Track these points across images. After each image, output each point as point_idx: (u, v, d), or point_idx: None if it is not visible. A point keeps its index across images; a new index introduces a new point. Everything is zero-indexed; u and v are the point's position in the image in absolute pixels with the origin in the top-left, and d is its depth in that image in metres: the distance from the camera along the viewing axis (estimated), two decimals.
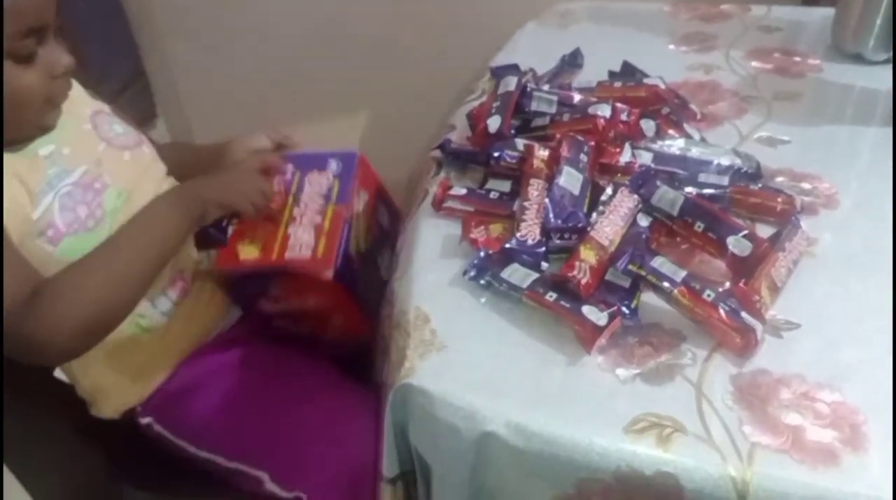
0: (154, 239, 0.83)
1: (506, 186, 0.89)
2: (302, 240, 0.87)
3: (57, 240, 0.81)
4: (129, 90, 1.98)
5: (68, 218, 0.82)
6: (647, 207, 0.80)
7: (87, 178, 0.85)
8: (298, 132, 1.01)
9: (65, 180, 0.83)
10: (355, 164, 0.94)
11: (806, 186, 0.90)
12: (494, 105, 0.96)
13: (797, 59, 1.19)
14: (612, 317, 0.69)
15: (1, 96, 0.75)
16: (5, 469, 0.92)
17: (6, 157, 0.80)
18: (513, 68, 1.07)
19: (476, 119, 0.98)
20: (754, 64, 1.18)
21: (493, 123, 0.94)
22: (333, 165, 0.94)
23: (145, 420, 0.93)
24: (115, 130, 0.93)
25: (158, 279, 0.86)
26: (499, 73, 1.05)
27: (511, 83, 0.98)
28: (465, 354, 0.71)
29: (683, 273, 0.72)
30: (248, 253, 0.87)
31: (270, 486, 0.88)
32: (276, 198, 0.90)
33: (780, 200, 0.84)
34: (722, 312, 0.69)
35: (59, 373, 0.96)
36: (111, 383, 0.91)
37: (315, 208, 0.90)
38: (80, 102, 0.91)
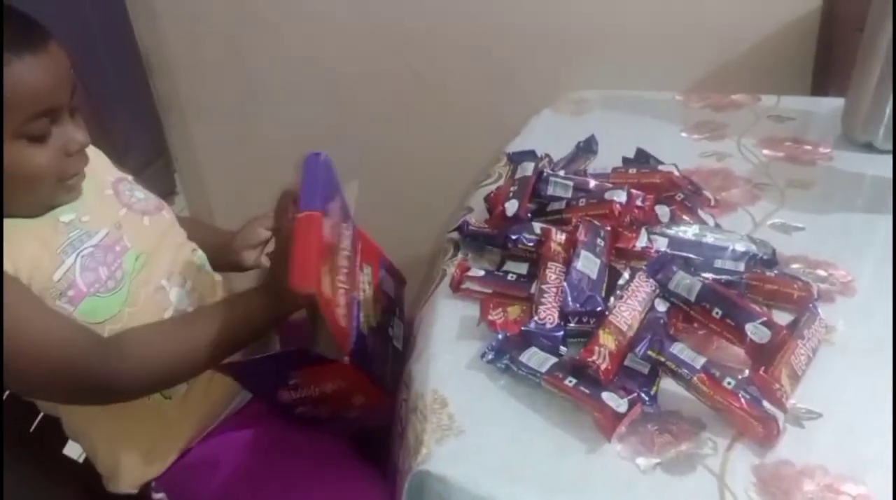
0: (237, 330, 0.85)
1: (523, 268, 0.89)
2: (341, 302, 0.82)
3: (77, 300, 0.82)
4: (151, 167, 2.03)
5: (89, 278, 0.83)
6: (664, 292, 0.81)
7: (108, 240, 0.87)
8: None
9: (87, 242, 0.85)
10: (319, 164, 0.87)
11: (822, 273, 0.90)
12: (512, 189, 0.98)
13: (808, 147, 1.21)
14: (631, 404, 0.69)
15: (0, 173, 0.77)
16: None
17: (26, 222, 0.82)
18: (529, 154, 1.09)
19: (493, 202, 1.00)
20: (766, 152, 1.20)
21: (511, 207, 0.95)
22: (350, 228, 0.91)
23: (158, 496, 0.91)
24: (137, 196, 0.95)
25: None
26: (515, 158, 1.07)
27: (528, 168, 1.00)
28: (482, 439, 0.70)
29: (703, 360, 0.71)
30: (327, 290, 0.79)
31: None
32: (333, 228, 0.84)
33: (796, 286, 0.84)
34: (743, 400, 0.68)
35: (70, 450, 0.96)
36: (130, 456, 0.91)
37: (344, 270, 0.85)
38: (103, 170, 0.94)
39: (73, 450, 0.99)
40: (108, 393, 0.83)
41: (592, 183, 0.98)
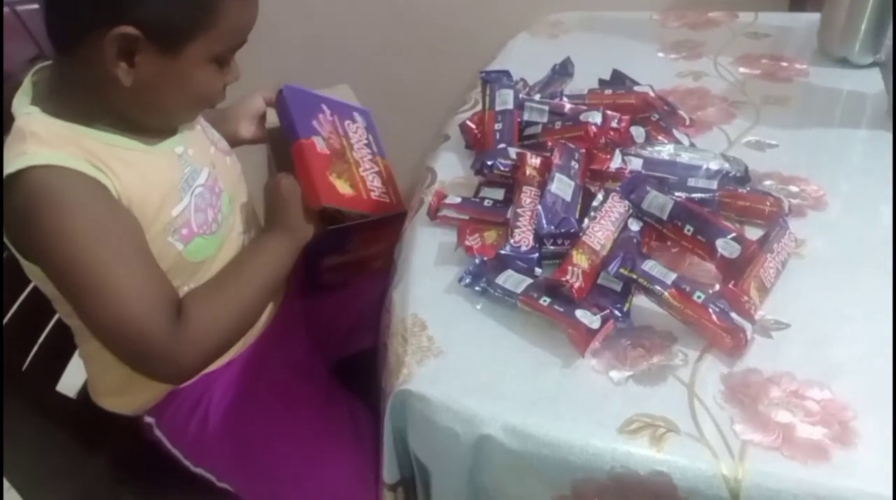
0: (274, 275, 0.88)
1: (499, 193, 0.90)
2: (375, 184, 0.90)
3: (188, 239, 0.83)
4: None
5: (200, 219, 0.84)
6: (637, 211, 0.82)
7: (210, 180, 0.87)
8: None
9: (196, 181, 0.85)
10: (373, 120, 0.97)
11: (794, 188, 0.92)
12: (497, 128, 0.97)
13: (784, 64, 1.21)
14: (604, 320, 0.71)
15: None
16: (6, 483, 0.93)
17: (144, 149, 0.82)
18: (503, 74, 1.07)
19: (469, 132, 1.00)
20: (742, 70, 1.20)
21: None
22: (359, 118, 0.96)
23: (148, 420, 0.94)
24: (216, 134, 0.95)
25: None
26: (489, 78, 1.05)
27: (508, 98, 0.99)
28: (461, 359, 0.72)
29: (674, 276, 0.73)
30: (346, 190, 0.88)
31: None
32: (331, 136, 0.91)
33: (768, 202, 0.85)
34: (712, 313, 0.70)
35: (63, 386, 0.98)
36: (143, 386, 0.90)
37: (367, 157, 0.92)
38: None
39: (65, 386, 1.01)
40: (175, 372, 0.80)
41: (568, 106, 0.98)
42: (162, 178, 0.81)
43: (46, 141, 0.75)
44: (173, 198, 0.82)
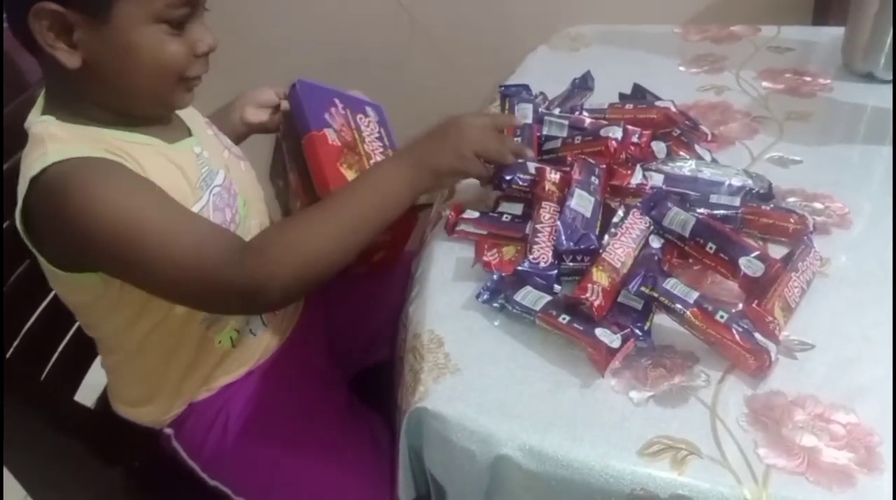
0: (382, 205, 0.81)
1: (518, 208, 0.89)
2: None
3: None
4: None
5: (218, 218, 0.83)
6: (658, 228, 0.81)
7: (227, 181, 0.87)
8: None
9: (214, 181, 0.84)
10: (385, 115, 0.99)
11: (818, 205, 0.90)
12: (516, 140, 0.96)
13: (808, 78, 1.20)
14: (625, 339, 0.70)
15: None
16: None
17: (164, 146, 0.81)
18: (522, 88, 1.07)
19: None
20: (765, 84, 1.18)
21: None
22: (371, 113, 0.98)
23: (167, 431, 0.93)
24: (228, 140, 0.95)
25: None
26: (508, 92, 1.05)
27: (527, 112, 0.98)
28: (479, 377, 0.71)
29: (696, 294, 0.72)
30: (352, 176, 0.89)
31: None
32: (342, 129, 0.92)
33: (792, 220, 0.84)
34: (735, 333, 0.69)
35: (81, 396, 0.98)
36: (167, 397, 0.91)
37: (379, 150, 0.94)
38: (195, 107, 0.91)
39: (83, 396, 1.01)
40: (249, 297, 0.76)
41: (588, 121, 0.97)
42: (182, 174, 0.81)
43: (65, 140, 0.75)
44: (193, 195, 0.81)
